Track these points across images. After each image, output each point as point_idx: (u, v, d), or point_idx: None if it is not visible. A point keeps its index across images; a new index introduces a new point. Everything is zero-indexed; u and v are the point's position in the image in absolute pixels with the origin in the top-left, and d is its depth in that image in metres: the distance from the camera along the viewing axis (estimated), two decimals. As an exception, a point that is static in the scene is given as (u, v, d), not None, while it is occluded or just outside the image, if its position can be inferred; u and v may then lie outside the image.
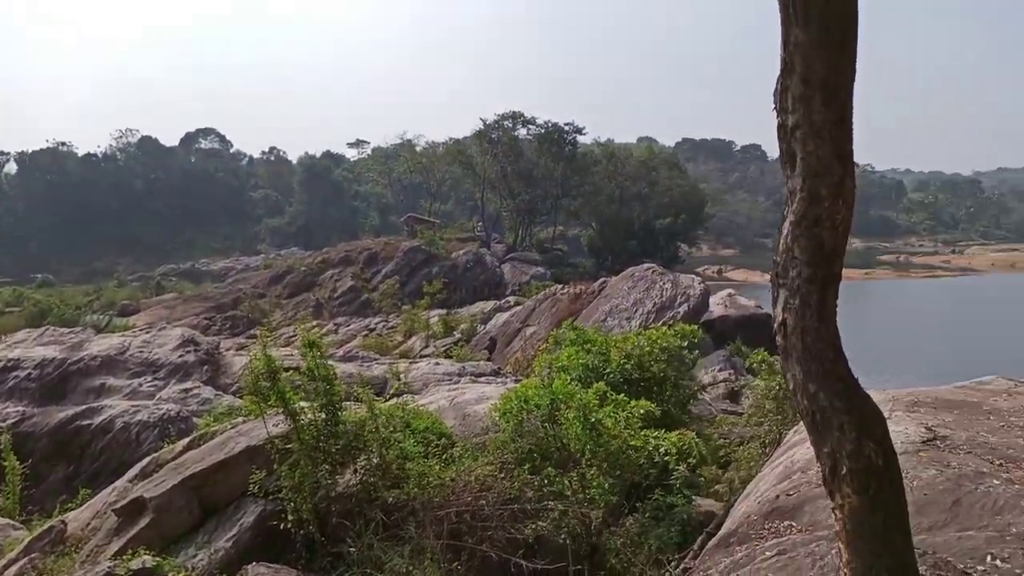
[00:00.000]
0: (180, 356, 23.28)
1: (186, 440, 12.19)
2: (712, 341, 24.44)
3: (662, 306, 23.04)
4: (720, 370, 21.29)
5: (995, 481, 6.40)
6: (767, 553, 4.98)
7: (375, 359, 26.13)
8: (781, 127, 2.63)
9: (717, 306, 26.94)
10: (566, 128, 68.22)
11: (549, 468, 8.99)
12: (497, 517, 8.08)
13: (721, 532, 8.39)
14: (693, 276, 25.51)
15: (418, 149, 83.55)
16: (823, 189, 2.55)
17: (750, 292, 65.63)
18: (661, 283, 24.21)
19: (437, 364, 21.94)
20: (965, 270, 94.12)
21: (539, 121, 68.76)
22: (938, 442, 8.00)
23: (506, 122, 68.54)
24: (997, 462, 7.47)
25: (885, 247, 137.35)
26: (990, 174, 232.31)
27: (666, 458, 9.09)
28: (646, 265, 26.62)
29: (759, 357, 15.64)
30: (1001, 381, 12.03)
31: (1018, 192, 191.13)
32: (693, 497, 9.83)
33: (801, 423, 11.35)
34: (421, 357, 28.91)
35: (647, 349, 12.18)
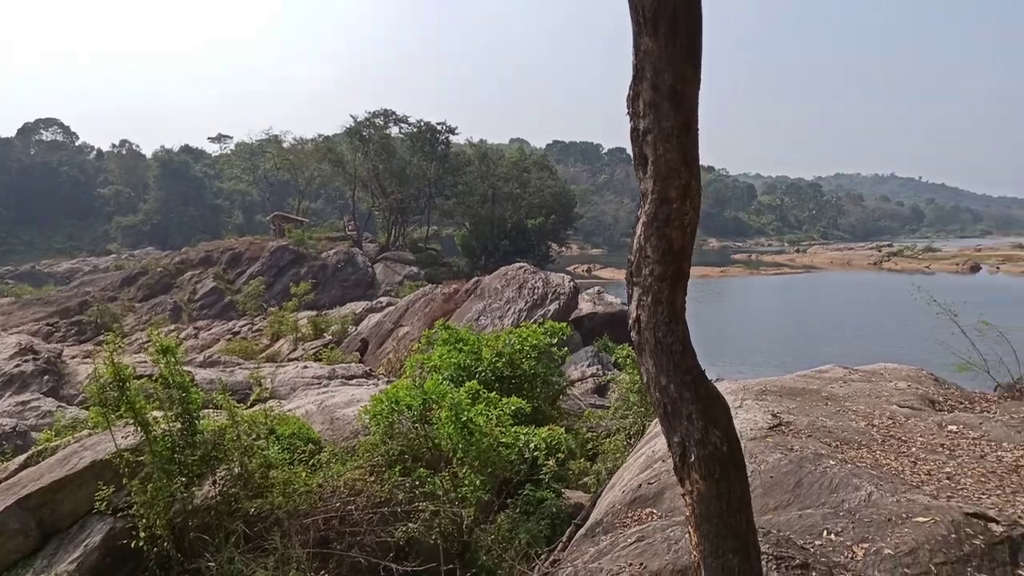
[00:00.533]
0: (16, 366, 21.27)
1: (22, 457, 11.15)
2: (581, 338, 25.18)
3: (534, 304, 23.48)
4: (588, 366, 21.95)
5: (831, 462, 6.97)
6: (628, 540, 5.19)
7: (239, 364, 24.98)
8: (634, 131, 2.74)
9: (586, 304, 27.75)
10: (439, 127, 68.06)
11: (421, 469, 8.94)
12: (367, 521, 7.95)
13: (588, 523, 8.65)
14: (563, 275, 26.17)
15: (285, 145, 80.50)
16: (672, 191, 2.68)
17: (617, 290, 68.14)
18: (533, 282, 24.67)
19: (306, 367, 21.27)
20: (808, 267, 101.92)
21: (411, 120, 68.25)
22: (783, 427, 8.63)
23: (377, 120, 67.45)
24: (834, 444, 8.15)
25: (738, 246, 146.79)
26: (829, 179, 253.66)
27: (536, 453, 9.27)
28: (518, 264, 27.03)
29: (624, 352, 16.28)
30: (837, 369, 13.14)
31: (853, 196, 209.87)
32: (562, 490, 10.09)
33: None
34: (289, 361, 27.93)
35: (518, 347, 12.36)
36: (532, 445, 9.30)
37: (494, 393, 10.40)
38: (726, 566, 2.61)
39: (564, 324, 14.28)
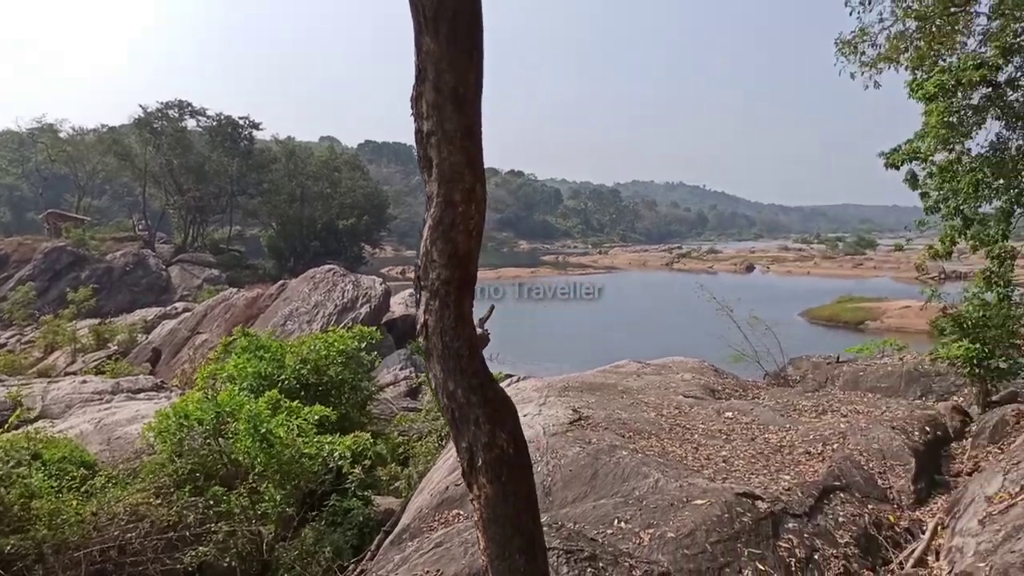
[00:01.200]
0: None
1: None
2: (394, 340, 24.93)
3: (344, 308, 22.87)
4: (401, 369, 21.80)
5: (624, 452, 7.39)
6: (428, 546, 5.15)
7: (2, 380, 21.98)
8: (418, 133, 2.68)
9: (399, 306, 27.52)
10: (241, 122, 64.20)
11: (215, 487, 8.34)
12: (151, 548, 7.26)
13: (397, 529, 8.54)
14: (375, 277, 25.74)
15: (62, 135, 71.95)
16: (456, 195, 2.66)
17: (431, 291, 68.21)
18: (342, 284, 24.02)
19: (84, 382, 19.12)
20: (610, 268, 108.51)
21: (210, 112, 63.77)
22: (583, 422, 9.03)
23: (171, 111, 62.22)
24: (628, 435, 8.66)
25: (547, 248, 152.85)
26: (627, 185, 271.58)
27: (340, 462, 8.97)
28: (327, 267, 26.19)
29: (435, 354, 16.33)
30: (632, 364, 14.03)
31: (647, 202, 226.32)
32: (373, 498, 9.87)
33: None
34: (65, 375, 25.03)
35: (324, 353, 11.92)
36: (336, 454, 8.99)
37: (296, 402, 9.93)
38: (513, 567, 2.64)
39: (374, 328, 14.00)
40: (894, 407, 10.03)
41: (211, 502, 8.10)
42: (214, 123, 63.54)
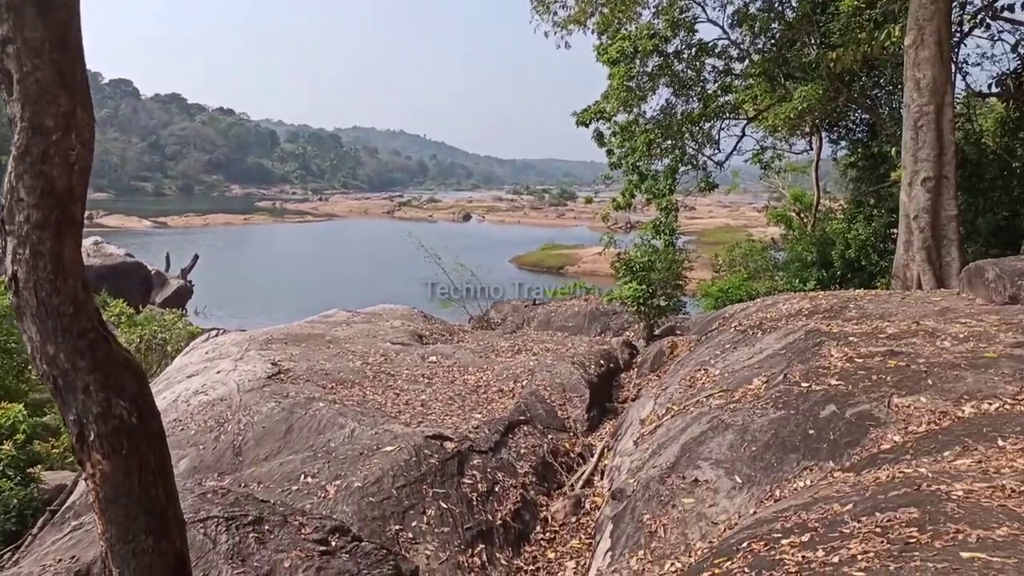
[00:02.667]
0: None
1: None
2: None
3: None
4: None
5: (321, 404, 7.20)
6: (69, 529, 4.54)
7: None
8: (-8, 38, 2.15)
9: (77, 256, 24.08)
10: None
11: None
12: None
13: (63, 508, 7.55)
14: None
15: None
16: (48, 120, 2.19)
17: (125, 239, 60.97)
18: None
19: None
20: (330, 215, 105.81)
21: None
22: (282, 375, 8.63)
23: None
24: (330, 385, 8.46)
25: (262, 193, 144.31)
26: (348, 131, 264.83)
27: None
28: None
29: (117, 309, 14.57)
30: (342, 313, 13.77)
31: (369, 148, 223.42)
32: (40, 474, 8.59)
33: (168, 371, 10.74)
34: None
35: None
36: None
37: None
38: (138, 550, 2.33)
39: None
40: (577, 344, 11.05)
41: None
42: None
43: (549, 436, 7.16)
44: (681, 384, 6.66)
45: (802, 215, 21.39)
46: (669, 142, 17.37)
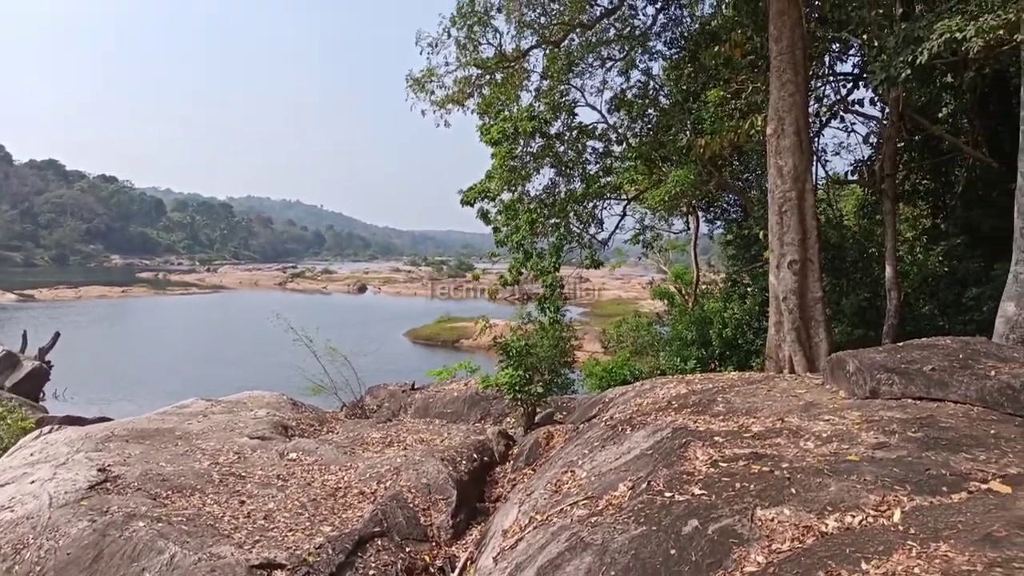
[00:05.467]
0: None
1: None
2: None
3: None
4: None
5: (140, 524, 6.24)
6: None
7: None
8: None
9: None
10: None
11: None
12: None
13: None
14: None
15: None
16: None
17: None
18: None
19: None
20: (217, 287, 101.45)
21: None
22: (108, 484, 7.58)
23: None
24: (163, 495, 7.46)
25: (145, 264, 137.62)
26: (241, 200, 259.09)
27: None
28: None
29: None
30: (200, 403, 12.62)
31: (263, 218, 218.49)
32: None
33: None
34: None
35: None
36: None
37: None
38: None
39: None
40: (454, 433, 10.46)
41: None
42: None
43: (408, 549, 6.49)
44: (547, 488, 6.18)
45: (683, 292, 21.88)
46: (553, 220, 17.43)
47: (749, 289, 15.47)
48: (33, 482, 7.75)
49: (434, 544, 6.88)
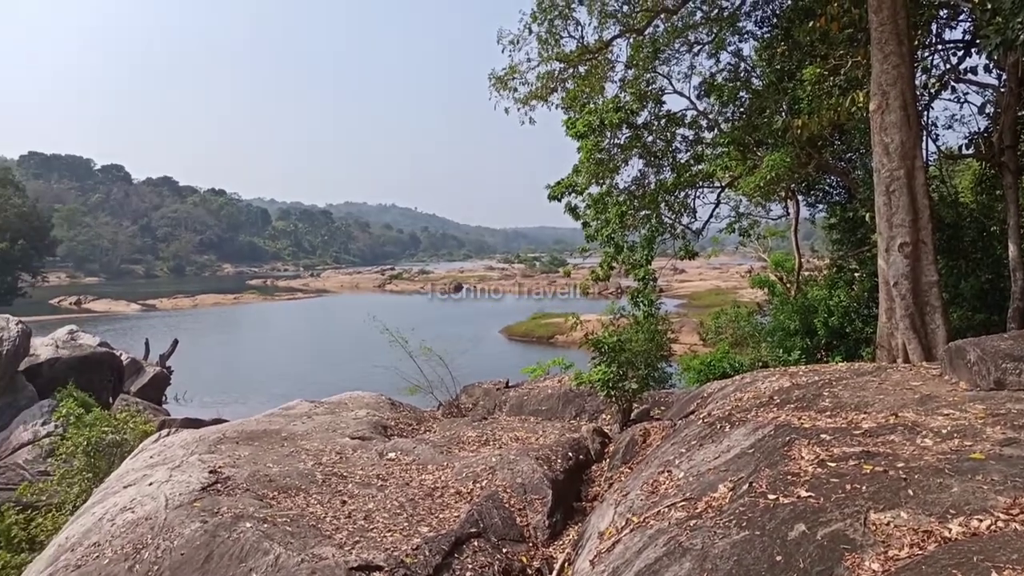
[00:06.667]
0: None
1: None
2: (39, 389, 21.08)
3: (-41, 356, 18.67)
4: (44, 423, 18.33)
5: (247, 524, 6.48)
6: None
7: None
8: None
9: (46, 347, 23.37)
10: None
11: None
12: None
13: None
14: (8, 316, 21.39)
15: None
16: None
17: (111, 324, 60.36)
18: (-41, 328, 19.62)
19: None
20: (321, 291, 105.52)
21: None
22: (219, 485, 7.92)
23: None
24: (270, 495, 7.74)
25: (254, 271, 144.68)
26: (339, 206, 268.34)
27: None
28: (-60, 305, 21.31)
29: (66, 408, 13.84)
30: (304, 404, 13.06)
31: (360, 223, 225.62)
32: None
33: (109, 479, 10.01)
34: None
35: None
36: None
37: None
38: None
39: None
40: (549, 431, 10.38)
41: None
42: None
43: (504, 550, 6.46)
44: (643, 489, 6.00)
45: (785, 280, 20.98)
46: (644, 212, 17.07)
47: (856, 275, 14.64)
48: (151, 484, 8.20)
49: (531, 545, 6.82)
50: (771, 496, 4.66)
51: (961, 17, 12.74)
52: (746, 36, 16.38)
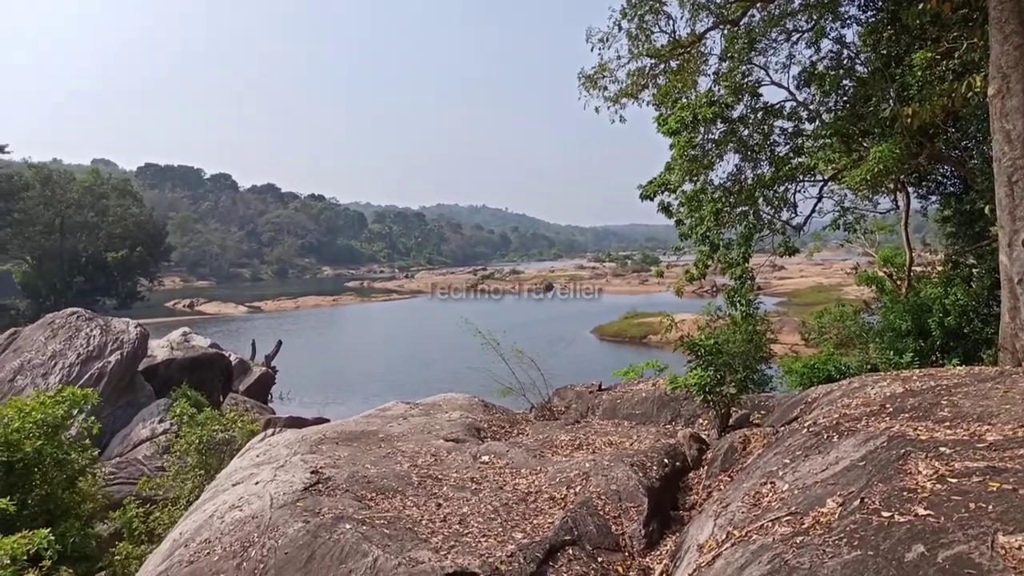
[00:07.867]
0: None
1: None
2: (156, 388, 22.42)
3: (88, 357, 20.08)
4: (160, 421, 19.48)
5: (347, 526, 6.63)
6: None
7: None
8: None
9: (162, 349, 24.86)
10: (-22, 143, 56.20)
11: None
12: None
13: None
14: (128, 320, 22.87)
15: None
16: None
17: (220, 325, 63.69)
18: (88, 330, 21.11)
19: None
20: (415, 292, 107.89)
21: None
22: (320, 485, 8.15)
23: None
24: (369, 496, 7.91)
25: (352, 273, 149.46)
26: (432, 209, 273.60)
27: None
28: (70, 310, 22.89)
29: (179, 408, 14.61)
30: (400, 406, 13.31)
31: (452, 224, 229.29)
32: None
33: (219, 477, 10.53)
34: None
35: (16, 424, 9.99)
36: None
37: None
38: None
39: (89, 390, 12.11)
40: (643, 436, 10.17)
41: None
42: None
43: (599, 559, 6.35)
44: (745, 501, 5.76)
45: (895, 277, 19.82)
46: (741, 209, 16.52)
47: (975, 271, 13.68)
48: (257, 483, 8.52)
49: (626, 554, 6.68)
50: (885, 513, 4.37)
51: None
52: (849, 21, 15.58)
